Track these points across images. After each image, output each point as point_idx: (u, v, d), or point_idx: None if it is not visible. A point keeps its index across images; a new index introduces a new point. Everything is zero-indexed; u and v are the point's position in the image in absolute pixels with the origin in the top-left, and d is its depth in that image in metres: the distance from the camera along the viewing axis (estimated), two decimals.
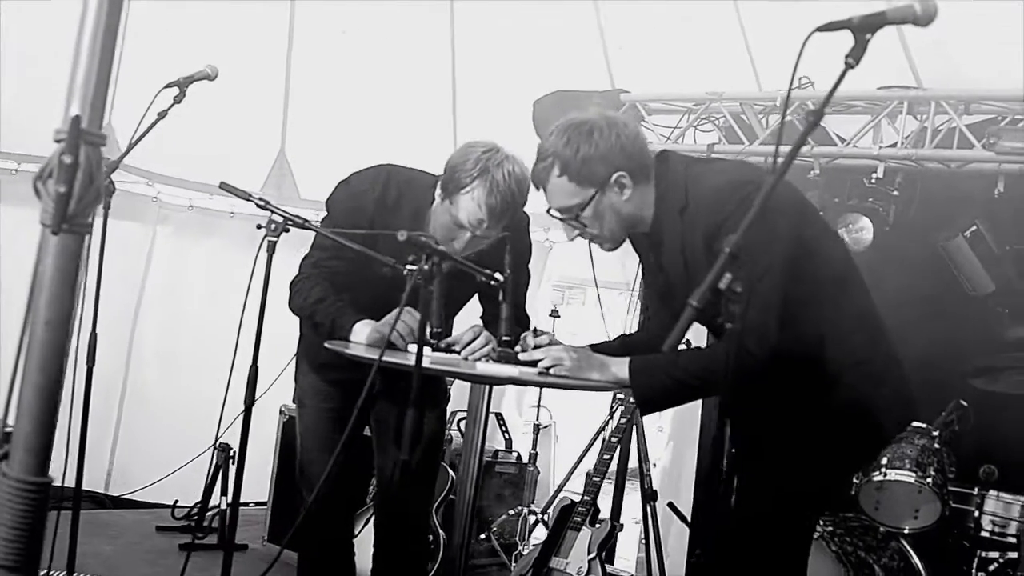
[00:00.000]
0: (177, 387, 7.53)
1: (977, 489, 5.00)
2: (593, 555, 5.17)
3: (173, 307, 7.73)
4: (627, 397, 5.53)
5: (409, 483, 3.79)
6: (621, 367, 3.03)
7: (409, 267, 2.61)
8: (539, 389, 7.17)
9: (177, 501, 6.90)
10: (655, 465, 6.69)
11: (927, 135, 5.57)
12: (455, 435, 6.41)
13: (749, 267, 2.07)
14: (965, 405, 5.00)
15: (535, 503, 6.75)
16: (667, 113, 6.60)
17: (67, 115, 1.81)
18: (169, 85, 4.14)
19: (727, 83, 6.45)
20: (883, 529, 4.94)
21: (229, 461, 6.12)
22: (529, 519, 6.38)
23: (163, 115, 4.11)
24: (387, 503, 4.03)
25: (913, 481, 4.81)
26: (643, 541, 6.61)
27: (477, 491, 3.33)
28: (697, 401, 5.97)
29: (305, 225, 3.37)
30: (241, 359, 3.69)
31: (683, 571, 6.61)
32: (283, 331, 3.90)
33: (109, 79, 1.90)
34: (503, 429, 6.97)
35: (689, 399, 3.19)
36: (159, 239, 7.73)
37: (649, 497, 6.00)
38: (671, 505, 6.11)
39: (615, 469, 5.92)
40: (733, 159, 5.39)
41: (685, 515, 6.27)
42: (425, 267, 2.54)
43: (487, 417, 3.26)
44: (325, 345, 3.22)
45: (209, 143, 7.06)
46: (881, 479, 4.85)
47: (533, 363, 3.07)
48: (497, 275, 3.13)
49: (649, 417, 5.90)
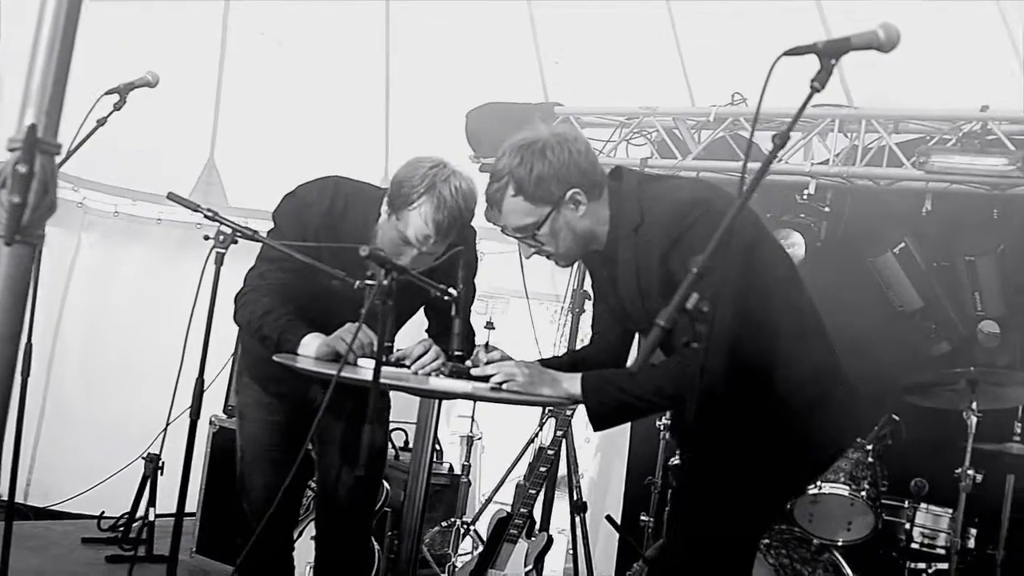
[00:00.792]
0: (101, 397, 7.41)
1: (908, 502, 5.10)
2: (530, 567, 5.17)
3: (97, 315, 7.58)
4: (562, 410, 5.54)
5: (356, 496, 3.76)
6: (573, 383, 3.03)
7: (367, 282, 2.57)
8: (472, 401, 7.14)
9: (103, 512, 6.77)
10: (583, 476, 6.71)
11: (858, 153, 5.66)
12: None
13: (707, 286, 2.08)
14: (897, 419, 5.08)
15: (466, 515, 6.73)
16: (600, 127, 6.62)
17: (21, 123, 1.78)
18: (109, 92, 4.07)
19: (660, 98, 6.49)
20: (817, 541, 4.99)
21: (157, 472, 6.02)
22: (461, 531, 6.35)
23: (103, 122, 4.04)
24: (330, 516, 3.99)
25: (847, 494, 4.87)
26: (571, 552, 6.63)
27: (425, 505, 3.30)
28: None
29: (254, 237, 3.32)
30: (172, 370, 3.61)
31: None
32: (217, 342, 3.82)
33: (65, 87, 1.87)
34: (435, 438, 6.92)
35: (641, 415, 3.17)
36: (84, 245, 7.59)
37: (579, 508, 6.00)
38: (610, 518, 6.12)
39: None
40: (688, 176, 5.45)
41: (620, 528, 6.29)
42: (385, 282, 2.51)
43: (436, 431, 3.24)
44: (274, 358, 3.17)
45: (136, 148, 6.94)
46: (815, 492, 4.90)
47: (485, 378, 3.06)
48: (451, 290, 3.11)
49: (576, 427, 5.95)
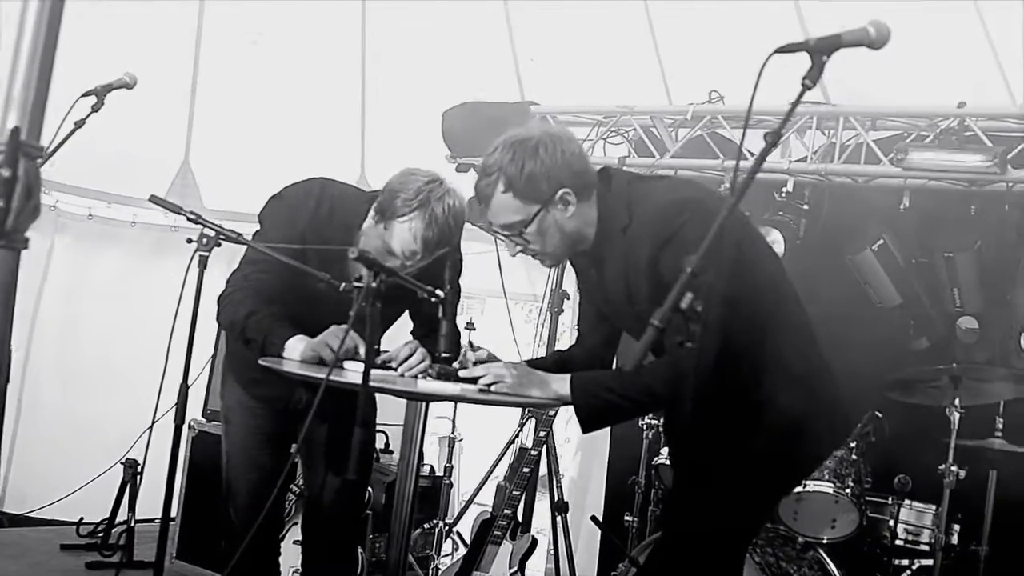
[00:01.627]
0: (77, 402, 7.33)
1: (892, 499, 5.11)
2: (515, 569, 5.15)
3: (72, 319, 7.50)
4: (544, 411, 5.52)
5: (342, 501, 3.74)
6: (562, 384, 3.01)
7: (354, 285, 2.55)
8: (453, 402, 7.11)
9: (82, 518, 6.71)
10: (563, 476, 6.69)
11: (835, 150, 5.66)
12: None
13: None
14: (880, 416, 5.08)
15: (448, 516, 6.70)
16: (577, 126, 6.59)
17: (4, 127, 1.75)
18: (86, 94, 4.03)
19: (638, 96, 6.48)
20: (801, 539, 4.99)
21: (137, 477, 5.97)
22: (443, 532, 6.33)
23: (80, 124, 4.02)
24: (316, 520, 3.96)
25: (831, 492, 4.87)
26: (552, 552, 6.61)
27: (413, 508, 3.27)
28: None
29: (239, 240, 3.29)
30: (155, 375, 3.58)
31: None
32: (196, 345, 3.79)
33: (48, 90, 1.84)
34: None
35: (631, 416, 3.17)
36: (57, 249, 7.50)
37: (560, 508, 5.99)
38: (595, 519, 6.11)
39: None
40: (677, 177, 5.44)
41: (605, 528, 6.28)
42: (373, 285, 2.48)
43: (423, 434, 3.22)
44: (260, 362, 3.14)
45: (111, 150, 6.87)
46: (800, 490, 4.89)
47: (473, 380, 3.04)
48: (438, 292, 3.09)
49: (556, 427, 5.94)
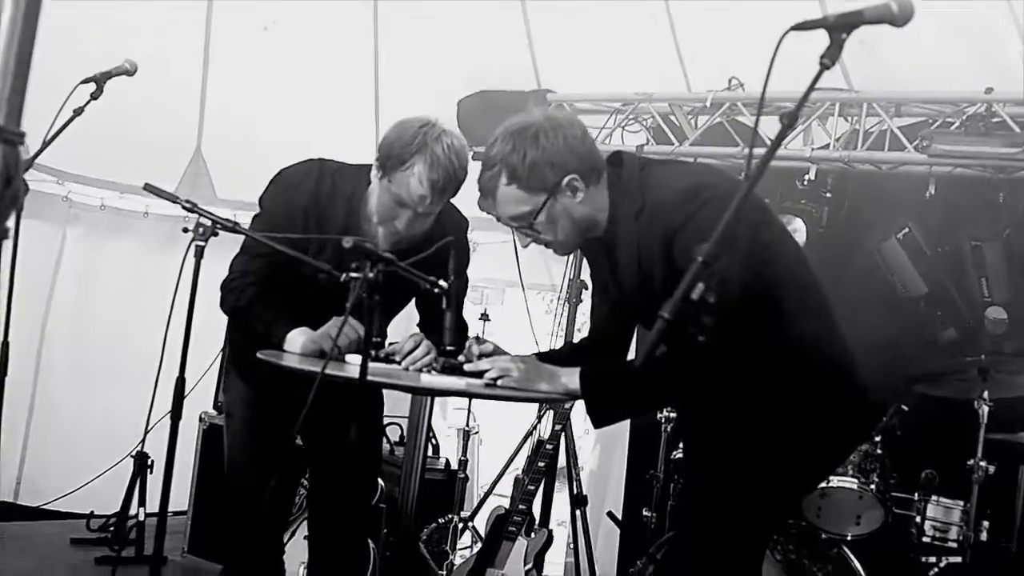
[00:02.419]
0: (90, 394, 7.29)
1: (918, 495, 4.96)
2: (530, 566, 5.04)
3: (84, 311, 7.46)
4: (561, 403, 5.41)
5: (350, 495, 3.66)
6: (572, 378, 2.90)
7: (352, 275, 2.44)
8: None
9: (93, 512, 6.65)
10: (583, 468, 6.59)
11: (859, 137, 5.55)
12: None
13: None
14: (906, 410, 4.94)
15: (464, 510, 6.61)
16: (594, 113, 6.50)
17: None
18: (86, 80, 3.93)
19: (656, 83, 6.38)
20: (825, 536, 4.87)
21: (147, 470, 5.89)
22: (459, 527, 6.23)
23: (79, 112, 3.90)
24: (323, 515, 3.87)
25: (856, 487, 4.75)
26: (571, 546, 6.52)
27: (416, 501, 3.18)
28: None
29: (235, 229, 3.19)
30: (164, 367, 3.49)
31: (614, 574, 6.54)
32: (204, 338, 3.70)
33: (28, 72, 1.74)
34: (430, 435, 6.79)
35: (644, 412, 3.07)
36: (70, 240, 7.45)
37: (579, 502, 5.89)
38: (611, 515, 6.00)
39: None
40: (691, 161, 5.32)
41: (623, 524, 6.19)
42: (370, 275, 2.37)
43: (429, 428, 3.12)
44: (258, 355, 3.04)
45: (122, 140, 6.81)
46: (823, 485, 4.76)
47: (479, 374, 2.93)
48: (441, 282, 2.98)
49: (575, 419, 5.83)
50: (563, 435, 5.62)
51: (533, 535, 5.19)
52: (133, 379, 6.91)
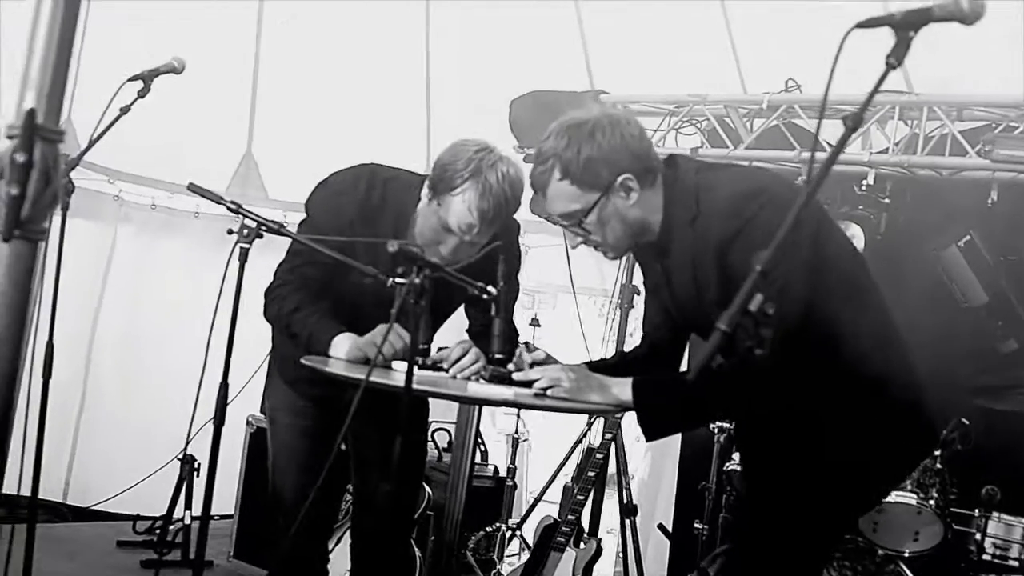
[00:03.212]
0: (139, 395, 7.28)
1: (979, 511, 4.80)
2: None
3: (135, 311, 7.46)
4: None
5: (394, 504, 3.59)
6: (623, 389, 2.81)
7: (398, 280, 2.36)
8: None
9: (139, 515, 6.64)
10: (633, 477, 6.49)
11: (919, 141, 5.42)
12: (429, 447, 6.17)
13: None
14: (967, 423, 4.79)
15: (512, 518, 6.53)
16: (648, 115, 6.39)
17: (20, 108, 1.60)
18: (133, 78, 3.90)
19: (711, 85, 6.28)
20: (882, 552, 4.74)
21: (194, 474, 5.86)
22: (507, 535, 6.15)
23: (126, 110, 3.87)
24: (367, 523, 3.81)
25: (914, 503, 4.62)
26: (620, 555, 6.42)
27: (463, 511, 3.10)
28: None
29: (280, 231, 3.11)
30: (210, 370, 3.44)
31: None
32: (251, 340, 3.65)
33: (68, 68, 1.69)
34: (478, 441, 6.73)
35: (697, 426, 2.97)
36: (120, 239, 7.45)
37: (629, 511, 5.80)
38: (662, 528, 5.91)
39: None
40: (747, 165, 5.21)
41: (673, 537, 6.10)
42: (416, 281, 2.29)
43: (477, 434, 3.04)
44: (302, 360, 2.97)
45: (173, 139, 6.81)
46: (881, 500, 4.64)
47: (528, 383, 2.85)
48: (490, 288, 2.89)
49: (626, 426, 5.73)
50: (613, 443, 5.53)
51: (582, 546, 5.11)
52: (181, 381, 6.88)
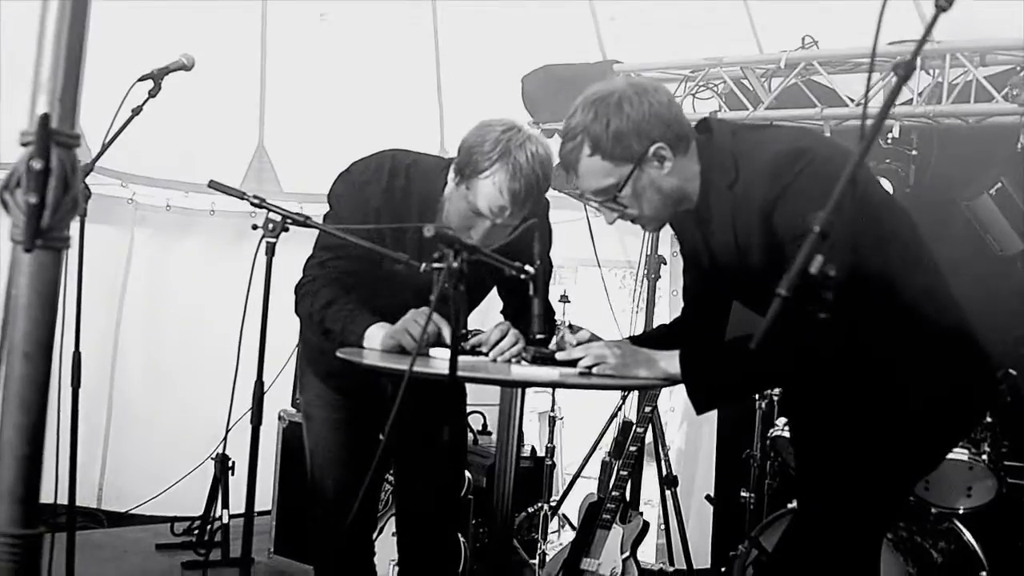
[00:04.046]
0: (166, 397, 7.24)
1: None
2: (627, 554, 4.89)
3: (156, 312, 7.40)
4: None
5: (438, 492, 3.53)
6: (671, 362, 2.73)
7: (434, 265, 2.27)
8: None
9: (176, 517, 6.62)
10: (670, 447, 6.42)
11: (943, 90, 5.30)
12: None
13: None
14: (1015, 374, 4.69)
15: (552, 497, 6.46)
16: (664, 83, 6.28)
17: (33, 114, 1.56)
18: (143, 78, 3.83)
19: (725, 46, 6.17)
20: (935, 510, 4.66)
21: (229, 472, 5.81)
22: (549, 515, 6.09)
23: (138, 111, 3.81)
24: (412, 513, 3.75)
25: (966, 458, 4.50)
26: (662, 527, 6.36)
27: (512, 497, 3.03)
28: None
29: (307, 223, 3.03)
30: (241, 366, 3.38)
31: (708, 558, 6.37)
32: (279, 334, 3.58)
33: (80, 70, 1.63)
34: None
35: (748, 395, 2.88)
36: (138, 242, 7.39)
37: (669, 482, 5.73)
38: (710, 498, 5.83)
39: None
40: (786, 124, 5.11)
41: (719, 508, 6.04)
42: (455, 265, 2.21)
43: (521, 420, 2.96)
44: (337, 354, 2.89)
45: (183, 138, 6.75)
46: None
47: (572, 362, 2.77)
48: (528, 267, 2.80)
49: (660, 396, 5.65)
50: (651, 419, 5.46)
51: (628, 522, 5.04)
52: (208, 379, 6.85)
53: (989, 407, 4.07)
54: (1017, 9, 5.29)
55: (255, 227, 3.03)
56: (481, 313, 3.61)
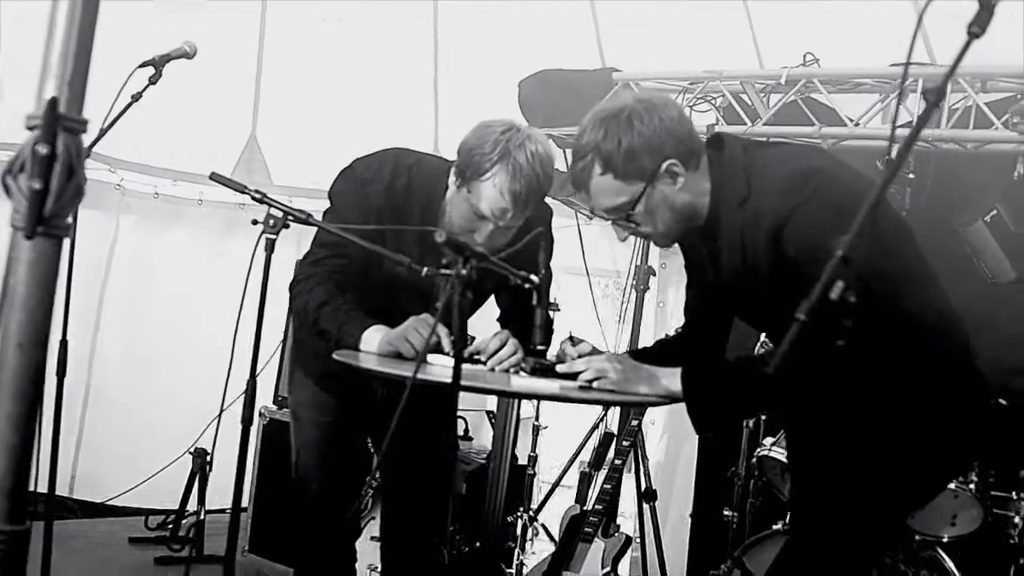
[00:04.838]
0: (145, 387, 7.16)
1: (1018, 494, 4.70)
2: (608, 570, 4.84)
3: (139, 301, 7.33)
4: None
5: (425, 498, 3.50)
6: (672, 379, 2.69)
7: (441, 272, 2.23)
8: None
9: (150, 510, 6.54)
10: (648, 460, 6.37)
11: (943, 114, 5.27)
12: None
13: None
14: (1004, 404, 4.67)
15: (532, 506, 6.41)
16: (662, 93, 6.26)
17: (41, 97, 1.52)
18: (144, 64, 3.77)
19: (726, 59, 6.13)
20: (919, 537, 4.63)
21: (206, 467, 5.75)
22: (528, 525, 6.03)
23: (137, 97, 3.75)
24: (397, 518, 3.71)
25: (952, 486, 4.49)
26: (638, 541, 6.31)
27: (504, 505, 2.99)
28: None
29: (308, 220, 2.97)
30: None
31: (683, 574, 6.33)
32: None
33: (90, 55, 1.60)
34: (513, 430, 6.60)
35: (748, 416, 2.84)
36: (123, 229, 7.32)
37: (648, 496, 5.67)
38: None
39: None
40: (799, 143, 5.08)
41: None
42: (463, 272, 2.16)
43: (516, 429, 2.92)
44: (334, 356, 2.84)
45: (175, 126, 6.68)
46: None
47: (572, 375, 2.72)
48: (532, 277, 2.76)
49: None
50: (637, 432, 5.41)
51: (611, 536, 4.99)
52: (189, 370, 6.84)
53: (990, 435, 4.04)
54: (1020, 37, 5.28)
55: (255, 222, 2.96)
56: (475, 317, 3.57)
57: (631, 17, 6.68)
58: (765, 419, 5.11)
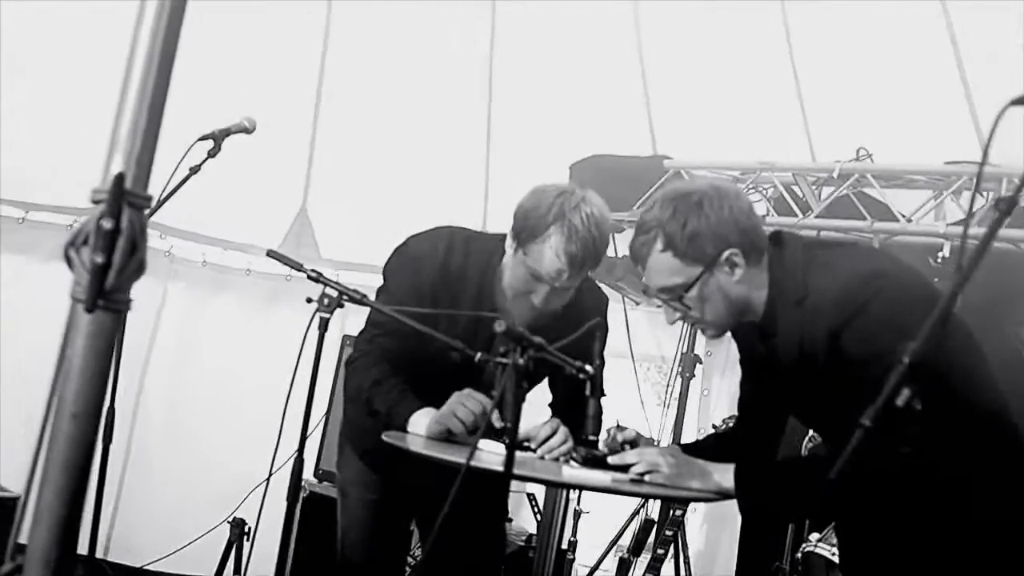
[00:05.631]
0: (186, 454, 7.12)
1: None
2: None
3: (183, 368, 7.32)
4: None
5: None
6: (725, 475, 2.65)
7: (499, 360, 2.21)
8: None
9: None
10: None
11: None
12: None
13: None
14: None
15: None
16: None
17: (108, 171, 1.52)
18: (203, 138, 3.81)
19: (778, 152, 6.14)
20: None
21: (244, 538, 5.70)
22: None
23: (196, 170, 3.80)
24: None
25: None
26: None
27: None
28: None
29: (363, 301, 2.98)
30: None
31: None
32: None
33: (159, 131, 1.60)
34: (536, 511, 6.52)
35: (800, 519, 2.79)
36: (171, 295, 7.34)
37: None
38: None
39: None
40: (861, 244, 5.05)
41: None
42: (521, 362, 2.14)
43: (564, 518, 2.89)
44: (383, 437, 2.83)
45: (226, 195, 6.70)
46: None
47: (624, 467, 2.69)
48: (587, 367, 2.74)
49: None
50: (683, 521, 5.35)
51: None
52: (232, 440, 6.82)
53: None
54: None
55: (309, 300, 2.97)
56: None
57: (685, 102, 6.71)
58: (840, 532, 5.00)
